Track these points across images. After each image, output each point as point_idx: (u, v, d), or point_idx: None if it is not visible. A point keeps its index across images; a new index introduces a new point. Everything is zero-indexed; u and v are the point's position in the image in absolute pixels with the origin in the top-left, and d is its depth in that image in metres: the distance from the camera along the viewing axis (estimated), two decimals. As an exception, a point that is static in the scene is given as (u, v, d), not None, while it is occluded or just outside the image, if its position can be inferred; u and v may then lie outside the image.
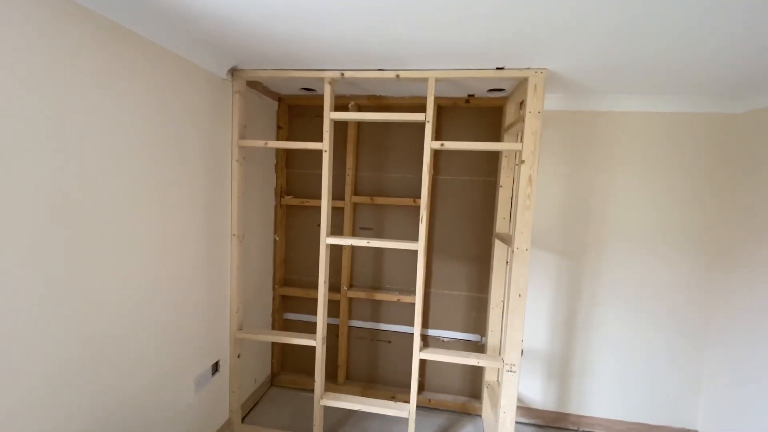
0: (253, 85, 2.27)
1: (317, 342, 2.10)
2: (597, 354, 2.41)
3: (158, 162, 1.62)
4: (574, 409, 2.46)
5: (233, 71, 2.06)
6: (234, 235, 2.13)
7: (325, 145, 1.99)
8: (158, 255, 1.64)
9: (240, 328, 2.21)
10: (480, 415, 2.56)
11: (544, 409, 2.49)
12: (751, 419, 2.01)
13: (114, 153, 1.41)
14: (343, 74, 1.94)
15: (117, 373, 1.48)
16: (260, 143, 2.07)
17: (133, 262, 1.52)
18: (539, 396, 2.49)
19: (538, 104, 1.80)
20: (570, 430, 2.46)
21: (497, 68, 1.82)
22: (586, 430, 2.45)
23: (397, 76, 1.90)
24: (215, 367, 2.09)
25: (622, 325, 2.37)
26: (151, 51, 1.55)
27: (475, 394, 2.66)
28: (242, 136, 2.12)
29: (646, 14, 1.27)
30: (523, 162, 1.83)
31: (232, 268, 2.15)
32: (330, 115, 1.98)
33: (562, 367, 2.46)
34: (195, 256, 1.88)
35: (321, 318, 2.09)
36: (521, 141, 1.84)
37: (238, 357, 2.22)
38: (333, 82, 1.99)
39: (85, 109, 1.29)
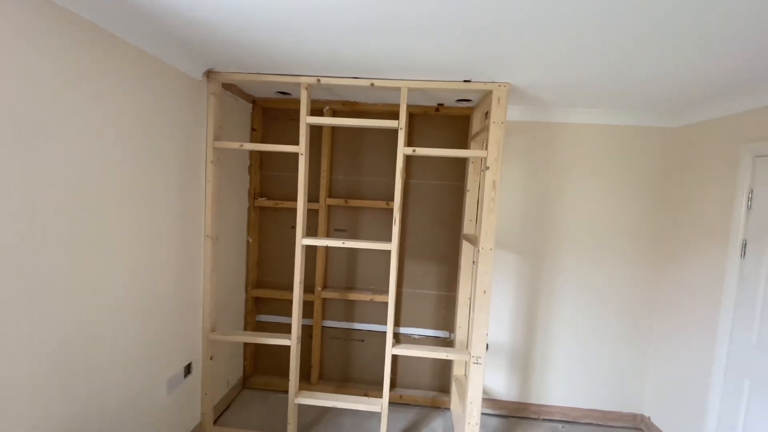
0: (228, 87, 2.29)
1: (292, 341, 2.14)
2: (555, 346, 2.60)
3: (132, 162, 1.61)
4: (535, 399, 2.64)
5: (209, 73, 2.08)
6: (208, 236, 2.14)
7: (302, 149, 2.05)
8: (130, 256, 1.63)
9: (213, 330, 2.21)
10: (449, 408, 2.68)
11: (508, 399, 2.65)
12: (686, 402, 2.25)
13: (87, 152, 1.40)
14: (319, 80, 2.01)
15: (88, 375, 1.46)
16: (235, 145, 2.10)
17: (104, 263, 1.51)
18: (503, 388, 2.65)
19: (502, 115, 1.95)
20: (531, 418, 2.63)
21: (465, 80, 1.96)
22: (546, 417, 2.63)
23: (372, 84, 2.00)
24: (188, 369, 2.08)
25: (578, 320, 2.58)
26: (127, 51, 1.55)
27: (444, 388, 2.78)
28: (217, 138, 2.13)
29: (593, 41, 1.43)
30: (488, 168, 1.97)
31: (205, 269, 2.15)
32: (306, 120, 2.04)
33: (524, 360, 2.63)
34: (167, 257, 1.87)
35: (296, 317, 2.13)
36: (486, 149, 1.98)
37: (211, 359, 2.22)
38: (309, 87, 2.05)
39: (57, 108, 1.28)
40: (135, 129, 1.62)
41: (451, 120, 2.63)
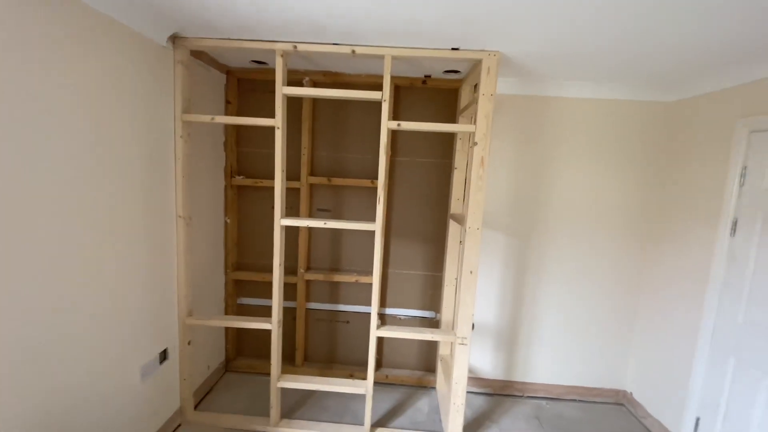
0: (197, 55, 2.11)
1: (273, 325, 2.07)
2: (541, 325, 2.59)
3: (84, 137, 1.46)
4: (519, 376, 2.65)
5: (174, 39, 1.90)
6: (180, 216, 2.01)
7: (278, 122, 1.91)
8: (92, 238, 1.51)
9: (189, 314, 2.11)
10: (434, 388, 2.68)
11: (493, 378, 2.66)
12: (669, 379, 2.27)
13: (33, 125, 1.25)
14: (296, 47, 1.85)
15: (55, 364, 1.36)
16: (206, 118, 1.94)
17: (62, 244, 1.38)
18: (488, 366, 2.65)
19: (491, 87, 1.84)
20: (516, 396, 2.65)
21: (452, 48, 1.83)
22: (530, 395, 2.65)
23: (353, 51, 1.85)
24: (163, 355, 2.00)
25: (564, 299, 2.56)
26: (74, 10, 1.37)
27: (430, 368, 2.77)
28: (186, 110, 1.97)
29: (595, 8, 1.31)
30: (476, 144, 1.87)
31: (178, 251, 2.04)
32: (282, 90, 1.89)
33: (509, 339, 2.62)
34: (134, 239, 1.75)
35: (276, 300, 2.05)
36: (475, 123, 1.87)
37: (189, 344, 2.14)
38: (285, 54, 1.89)
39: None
40: (86, 100, 1.46)
41: (439, 93, 2.49)
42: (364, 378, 2.63)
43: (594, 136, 2.42)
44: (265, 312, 2.72)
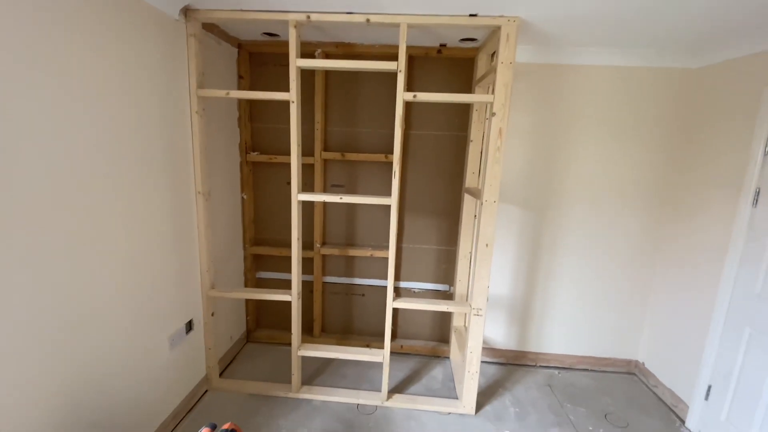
0: (209, 28, 2.08)
1: (293, 297, 2.13)
2: (555, 298, 2.62)
3: (107, 114, 1.48)
4: (532, 347, 2.70)
5: (186, 11, 1.87)
6: (199, 192, 2.04)
7: (293, 95, 1.89)
8: (117, 214, 1.55)
9: (212, 287, 2.18)
10: (448, 357, 2.76)
11: (506, 348, 2.72)
12: (682, 349, 2.30)
13: (52, 107, 1.26)
14: (309, 17, 1.81)
15: (91, 336, 1.43)
16: (221, 93, 1.94)
17: (90, 226, 1.42)
18: (502, 337, 2.71)
19: (510, 54, 1.78)
20: (528, 365, 2.72)
21: (470, 15, 1.77)
22: (542, 365, 2.71)
23: (368, 20, 1.80)
24: (189, 326, 2.08)
25: (578, 271, 2.57)
26: (87, -19, 1.35)
27: (444, 338, 2.84)
28: (200, 86, 1.97)
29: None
30: (494, 114, 1.84)
31: (199, 226, 2.08)
32: (297, 63, 1.86)
33: (523, 311, 2.66)
34: (158, 216, 1.79)
35: (296, 273, 2.10)
36: (493, 93, 1.83)
37: (212, 315, 2.22)
38: (298, 25, 1.85)
39: (9, 57, 1.13)
40: (106, 76, 1.46)
41: (454, 63, 2.43)
42: (381, 347, 2.73)
43: (612, 104, 2.35)
44: (283, 285, 2.79)
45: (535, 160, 2.45)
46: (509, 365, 2.71)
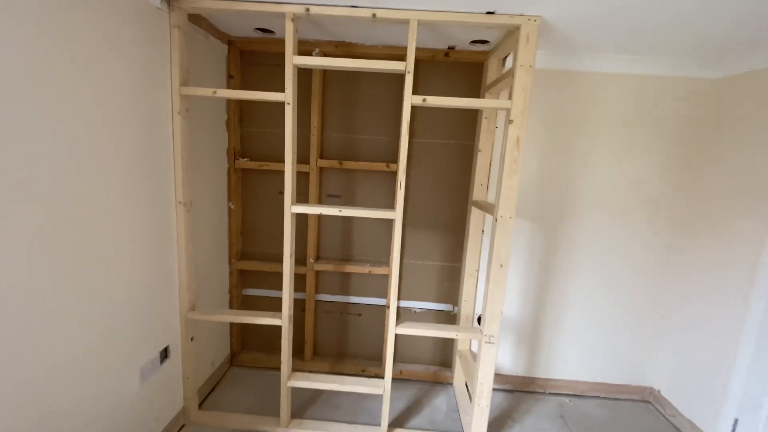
0: (196, 20, 1.88)
1: (283, 320, 1.90)
2: (565, 319, 2.44)
3: (68, 110, 1.25)
4: (542, 372, 2.51)
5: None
6: (180, 202, 1.82)
7: (288, 97, 1.70)
8: (81, 227, 1.32)
9: (192, 309, 1.94)
10: (452, 384, 2.54)
11: (514, 374, 2.52)
12: (704, 377, 2.14)
13: (14, 99, 1.04)
14: (308, 10, 1.63)
15: (39, 369, 1.19)
16: (207, 92, 1.73)
17: (49, 236, 1.19)
18: (509, 362, 2.51)
19: (530, 57, 1.62)
20: (537, 392, 2.52)
21: (487, 12, 1.60)
22: (552, 392, 2.52)
23: (374, 15, 1.62)
24: (164, 354, 1.84)
25: (592, 291, 2.40)
26: (48, -46, 1.15)
27: (446, 363, 2.63)
28: (184, 83, 1.76)
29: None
30: (511, 122, 1.67)
31: (179, 241, 1.85)
32: (294, 60, 1.67)
33: (532, 334, 2.47)
34: (130, 228, 1.56)
35: (287, 295, 1.88)
36: (510, 98, 1.67)
37: (192, 340, 1.97)
38: (296, 19, 1.67)
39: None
40: (75, 68, 1.25)
41: (462, 68, 2.27)
42: (378, 373, 2.50)
43: (629, 114, 2.21)
44: (272, 304, 2.55)
45: (546, 172, 2.29)
46: (517, 392, 2.51)
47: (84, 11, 1.28)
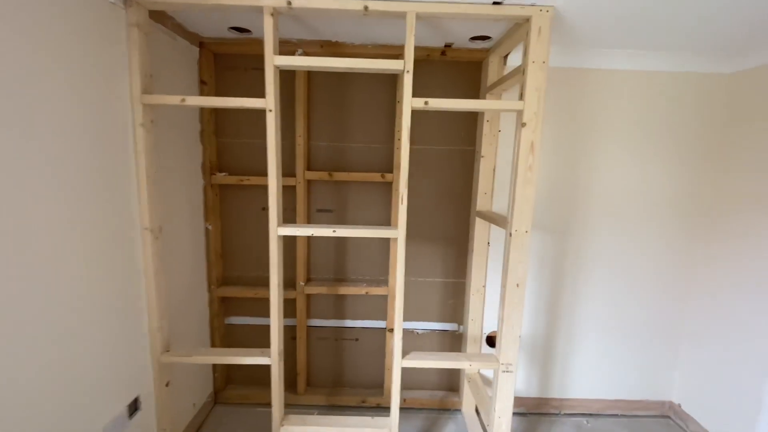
0: (159, 18, 1.63)
1: (272, 358, 1.66)
2: (580, 336, 2.27)
3: (16, 128, 1.00)
4: (556, 393, 2.33)
5: (125, -7, 1.42)
6: (146, 228, 1.56)
7: (270, 103, 1.47)
8: (23, 267, 1.06)
9: (166, 350, 1.68)
10: (460, 410, 2.34)
11: (526, 396, 2.33)
12: (728, 390, 2.00)
13: None
14: (290, 3, 1.41)
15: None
16: (174, 99, 1.49)
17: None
18: (521, 383, 2.32)
19: (543, 52, 1.45)
20: (552, 414, 2.34)
21: (494, 2, 1.42)
22: (567, 412, 2.34)
23: (366, 8, 1.42)
24: (134, 406, 1.57)
25: (606, 304, 2.24)
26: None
27: (453, 387, 2.43)
28: (147, 90, 1.51)
29: None
30: (524, 125, 1.48)
31: (146, 273, 1.59)
32: (275, 61, 1.45)
33: (544, 352, 2.29)
34: (82, 266, 1.30)
35: (276, 327, 1.64)
36: (522, 99, 1.49)
37: (167, 386, 1.71)
38: (276, 13, 1.45)
39: None
40: (14, 73, 1.00)
41: (459, 68, 2.09)
42: (380, 402, 2.29)
43: (638, 113, 2.07)
44: (259, 333, 2.30)
45: (556, 178, 2.13)
46: (531, 415, 2.33)
47: (7, 8, 1.03)
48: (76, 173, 1.27)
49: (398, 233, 1.57)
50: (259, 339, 2.30)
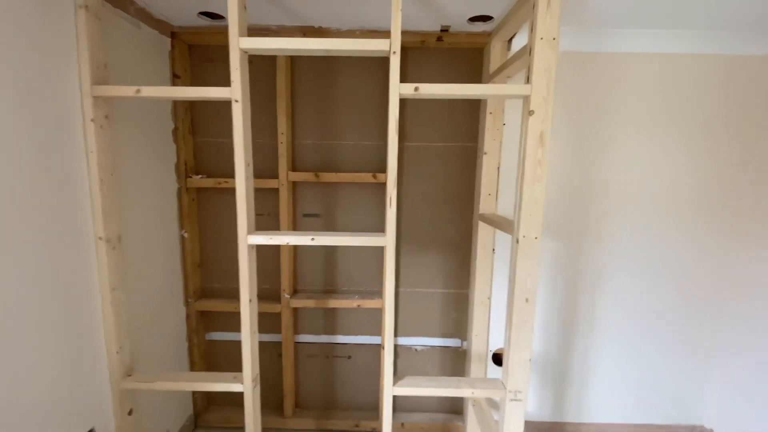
0: (120, 3, 1.46)
1: (245, 385, 1.45)
2: (598, 353, 2.03)
3: None
4: (571, 416, 2.09)
5: (70, -31, 1.25)
6: (100, 238, 1.37)
7: (236, 92, 1.28)
8: None
9: (128, 375, 1.49)
10: (464, 435, 2.11)
11: (539, 420, 2.09)
12: (761, 413, 1.75)
13: None
14: (256, -25, 1.22)
15: None
16: (129, 91, 1.30)
17: None
18: (533, 407, 2.09)
19: (553, 27, 1.23)
20: (567, 440, 2.10)
21: (494, -30, 1.21)
22: (585, 438, 2.10)
23: (344, -21, 1.22)
24: (87, 440, 1.38)
25: (627, 318, 2.00)
26: None
27: (456, 409, 2.19)
28: (98, 81, 1.33)
29: None
30: (532, 113, 1.27)
31: (102, 288, 1.40)
32: (240, 43, 1.26)
33: (558, 372, 2.05)
34: (22, 281, 1.11)
35: (248, 350, 1.44)
36: (529, 83, 1.27)
37: (130, 414, 1.51)
38: (242, -11, 1.26)
39: None
40: None
41: (458, 55, 1.88)
42: (374, 427, 2.07)
43: (668, 104, 1.84)
44: (242, 350, 2.10)
45: (568, 175, 1.90)
46: (543, 442, 2.09)
47: None
48: (14, 176, 1.08)
49: (386, 241, 1.36)
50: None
